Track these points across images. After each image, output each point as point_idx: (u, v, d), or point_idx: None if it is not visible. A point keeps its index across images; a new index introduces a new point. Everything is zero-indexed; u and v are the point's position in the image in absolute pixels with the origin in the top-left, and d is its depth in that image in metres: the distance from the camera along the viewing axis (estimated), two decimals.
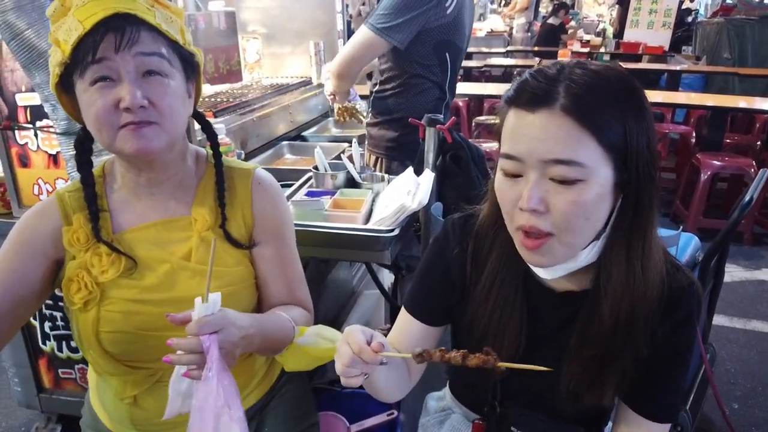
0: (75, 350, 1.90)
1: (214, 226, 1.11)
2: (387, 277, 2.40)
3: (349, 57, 2.10)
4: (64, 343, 1.90)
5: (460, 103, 5.50)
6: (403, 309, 1.12)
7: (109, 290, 1.04)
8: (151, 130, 0.97)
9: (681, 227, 1.42)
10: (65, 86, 0.99)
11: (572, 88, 0.79)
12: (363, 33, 2.04)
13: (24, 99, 1.66)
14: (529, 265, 0.93)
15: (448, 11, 1.99)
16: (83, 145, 1.07)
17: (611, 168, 0.82)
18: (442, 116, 1.81)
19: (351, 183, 1.83)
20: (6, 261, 1.03)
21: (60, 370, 1.95)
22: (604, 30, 11.71)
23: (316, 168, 1.85)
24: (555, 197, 0.81)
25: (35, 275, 1.04)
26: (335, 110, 2.60)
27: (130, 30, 0.93)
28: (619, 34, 8.44)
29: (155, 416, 1.10)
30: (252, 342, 1.00)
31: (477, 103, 6.14)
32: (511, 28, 10.34)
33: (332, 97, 2.37)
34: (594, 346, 0.92)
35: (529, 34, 10.07)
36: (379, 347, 0.84)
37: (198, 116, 1.17)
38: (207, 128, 1.17)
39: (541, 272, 0.93)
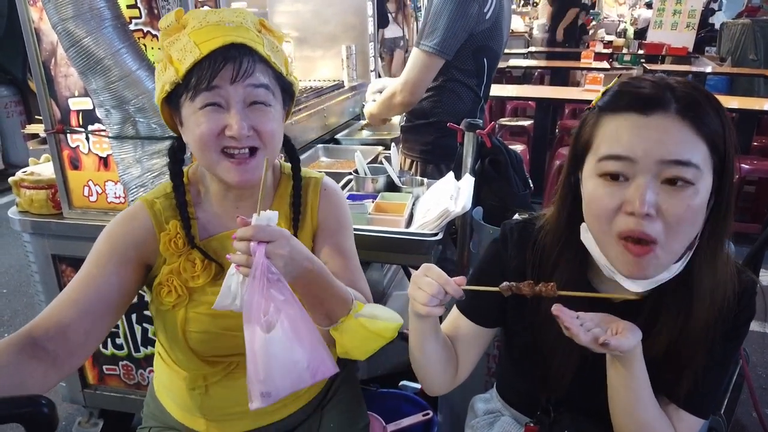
0: (119, 347, 1.95)
1: None
2: None
3: (413, 83, 2.08)
4: (109, 340, 1.95)
5: None
6: (454, 309, 1.14)
7: (197, 293, 1.08)
8: (254, 160, 1.02)
9: None
10: (169, 100, 1.04)
11: (679, 94, 0.82)
12: (418, 56, 2.04)
13: (77, 103, 1.71)
14: (622, 281, 0.90)
15: (488, 16, 2.01)
16: (176, 156, 1.12)
17: (712, 174, 0.84)
18: (480, 121, 1.84)
19: (390, 186, 1.86)
20: (99, 268, 1.04)
21: (104, 367, 2.00)
22: (624, 30, 11.63)
23: (356, 171, 1.88)
24: (667, 202, 0.81)
25: (128, 281, 1.06)
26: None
27: (247, 62, 0.97)
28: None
29: (226, 405, 1.16)
30: (308, 273, 0.97)
31: (499, 104, 6.14)
32: (531, 29, 10.29)
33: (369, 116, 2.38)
34: (654, 353, 0.94)
35: (548, 34, 10.01)
36: (462, 281, 0.89)
37: (284, 140, 1.17)
38: (291, 152, 1.21)
39: (632, 286, 0.89)
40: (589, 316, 0.89)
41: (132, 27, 1.56)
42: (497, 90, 5.23)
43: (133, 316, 1.89)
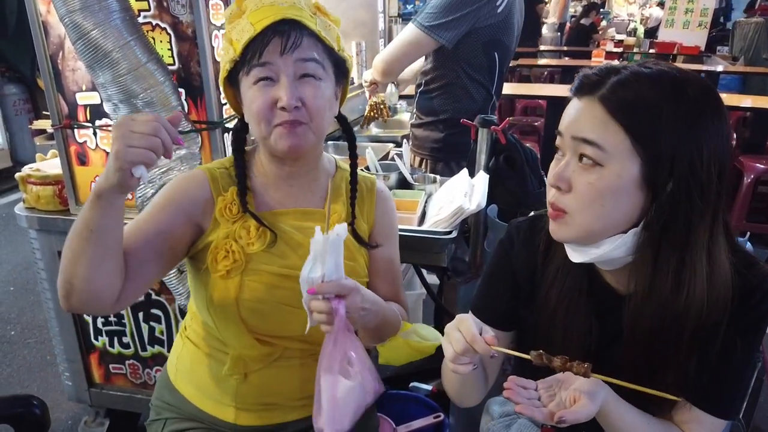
0: (126, 346, 1.93)
1: (346, 222, 1.18)
2: (426, 278, 2.39)
3: (395, 54, 2.08)
4: (115, 338, 1.93)
5: None
6: (470, 314, 1.11)
7: (253, 262, 1.10)
8: (302, 130, 1.06)
9: (747, 235, 1.39)
10: (231, 81, 1.10)
11: (616, 83, 0.85)
12: (410, 31, 2.02)
13: (84, 98, 1.68)
14: (567, 250, 0.96)
15: (499, 10, 1.97)
16: (239, 135, 1.18)
17: (638, 164, 0.83)
18: (494, 117, 1.80)
19: (402, 184, 1.83)
20: (153, 213, 1.08)
21: (111, 366, 1.98)
22: (635, 29, 11.55)
23: (367, 168, 1.85)
24: (578, 178, 0.87)
25: (177, 232, 1.09)
26: (367, 107, 2.56)
27: (294, 35, 1.03)
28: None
29: (262, 394, 1.16)
30: (373, 318, 1.07)
31: (508, 103, 6.09)
32: (541, 28, 10.24)
33: (371, 86, 2.34)
34: (634, 352, 0.93)
35: (559, 33, 9.97)
36: (493, 341, 0.86)
37: (341, 119, 1.23)
38: (348, 131, 1.25)
39: (571, 254, 0.95)
40: (546, 383, 0.92)
41: (141, 20, 1.53)
42: (506, 88, 5.18)
43: (140, 315, 1.86)
